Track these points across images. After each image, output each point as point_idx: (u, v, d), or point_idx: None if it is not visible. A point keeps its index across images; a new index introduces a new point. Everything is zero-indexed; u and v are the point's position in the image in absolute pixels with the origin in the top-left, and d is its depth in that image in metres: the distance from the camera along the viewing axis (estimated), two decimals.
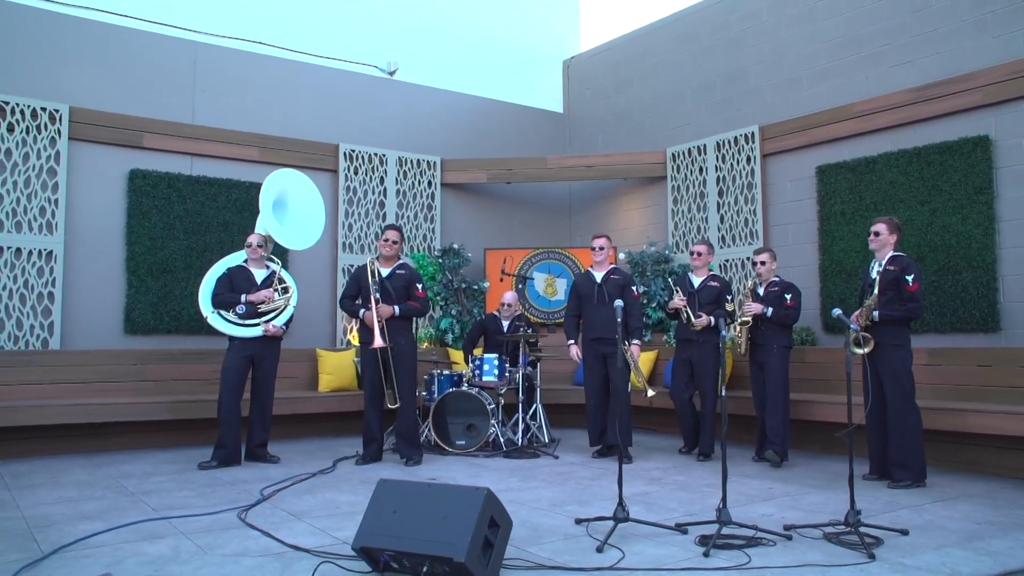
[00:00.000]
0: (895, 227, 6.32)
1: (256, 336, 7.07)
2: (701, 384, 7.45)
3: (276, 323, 7.16)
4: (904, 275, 6.10)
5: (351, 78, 10.17)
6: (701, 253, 7.66)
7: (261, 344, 7.13)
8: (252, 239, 7.31)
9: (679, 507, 5.38)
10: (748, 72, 9.44)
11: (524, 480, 6.39)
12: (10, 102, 7.91)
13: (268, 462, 7.11)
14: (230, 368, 7.04)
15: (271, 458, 7.16)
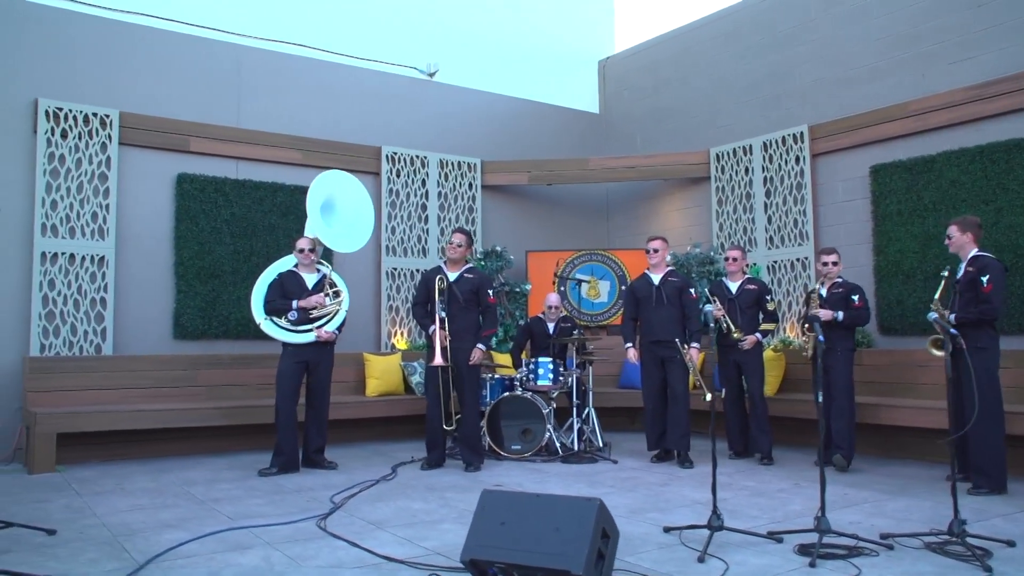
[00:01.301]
0: (968, 226, 6.20)
1: (310, 342, 7.02)
2: (751, 387, 7.41)
3: (328, 328, 7.11)
4: (980, 276, 6.00)
5: (392, 80, 10.12)
6: (736, 258, 7.64)
7: (315, 349, 7.08)
8: (302, 243, 7.27)
9: (760, 514, 5.31)
10: (796, 71, 9.36)
11: (592, 486, 6.33)
12: (63, 108, 7.87)
13: (326, 468, 7.07)
14: (285, 374, 7.00)
15: (329, 464, 7.12)
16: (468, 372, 7.13)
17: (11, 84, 7.72)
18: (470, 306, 7.17)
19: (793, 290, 9.09)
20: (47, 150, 7.78)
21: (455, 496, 5.93)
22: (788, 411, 7.93)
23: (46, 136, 7.78)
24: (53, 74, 7.94)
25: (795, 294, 9.06)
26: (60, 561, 4.21)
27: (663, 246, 7.56)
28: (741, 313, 7.42)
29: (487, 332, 7.30)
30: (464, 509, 5.47)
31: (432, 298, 7.16)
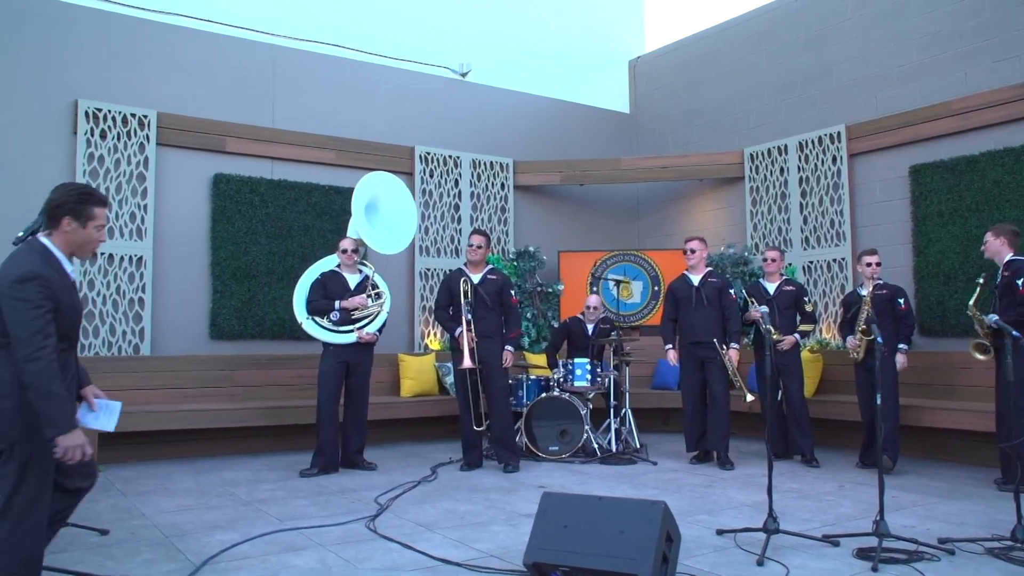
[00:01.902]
0: (1002, 232, 6.21)
1: (351, 342, 7.02)
2: (790, 389, 7.36)
3: (369, 329, 7.10)
4: (1015, 279, 5.97)
5: (424, 80, 10.11)
6: (775, 259, 7.60)
7: (355, 350, 7.07)
8: (345, 244, 7.26)
9: (811, 516, 5.26)
10: (832, 71, 9.28)
11: (635, 488, 6.29)
12: (102, 109, 7.89)
13: (365, 469, 7.06)
14: (327, 375, 7.00)
15: (368, 464, 7.11)
16: (497, 373, 7.11)
17: (51, 85, 7.76)
18: (495, 307, 7.17)
19: (830, 291, 9.02)
20: (87, 151, 7.81)
21: (500, 498, 5.90)
22: (826, 413, 7.87)
23: (86, 137, 7.81)
24: (92, 75, 7.97)
25: (831, 295, 8.99)
26: (117, 561, 4.21)
27: (702, 247, 7.52)
28: (779, 314, 7.39)
29: (514, 334, 7.29)
30: (511, 511, 5.45)
31: (454, 301, 7.15)
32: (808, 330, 7.48)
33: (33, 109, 7.66)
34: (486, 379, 7.10)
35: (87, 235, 3.36)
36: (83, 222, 3.33)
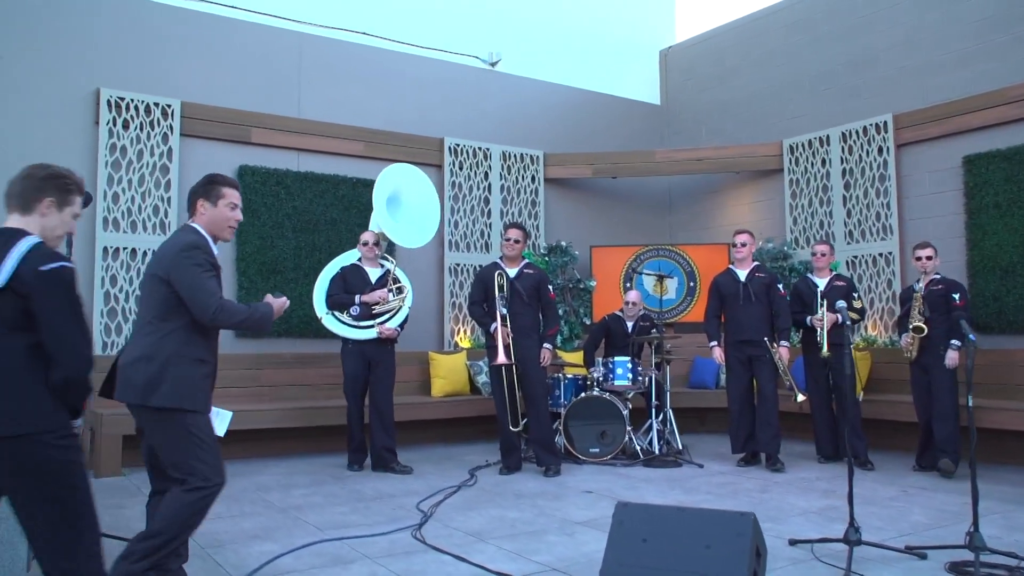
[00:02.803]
0: None
1: (371, 338, 6.76)
2: (842, 389, 7.03)
3: (390, 325, 6.86)
4: None
5: (453, 69, 9.79)
6: (825, 254, 7.31)
7: (375, 347, 6.83)
8: (366, 237, 7.03)
9: (884, 525, 4.95)
10: (878, 58, 8.94)
11: (687, 493, 5.99)
12: (125, 97, 7.60)
13: (400, 472, 6.78)
14: (351, 376, 6.88)
15: (402, 468, 6.83)
16: (535, 371, 6.82)
17: (73, 73, 7.47)
18: (532, 303, 6.88)
19: (875, 286, 8.68)
20: (109, 141, 7.53)
21: (548, 504, 5.60)
22: (875, 413, 7.55)
23: (108, 126, 7.52)
24: (114, 63, 7.68)
25: (877, 290, 8.65)
26: None
27: (751, 240, 7.24)
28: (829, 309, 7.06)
29: (552, 331, 7.00)
30: (563, 518, 5.16)
31: (489, 296, 6.86)
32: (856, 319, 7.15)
33: (54, 98, 7.37)
34: (523, 378, 6.80)
35: (220, 214, 3.57)
36: (214, 201, 3.56)
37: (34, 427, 2.55)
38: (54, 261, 2.62)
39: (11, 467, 2.55)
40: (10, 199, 2.78)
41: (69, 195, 2.86)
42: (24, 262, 2.58)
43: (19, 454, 2.54)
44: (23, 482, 2.57)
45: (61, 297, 2.61)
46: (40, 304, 2.57)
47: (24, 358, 2.58)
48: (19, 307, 2.57)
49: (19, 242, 2.62)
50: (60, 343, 2.60)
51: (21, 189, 2.77)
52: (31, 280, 2.56)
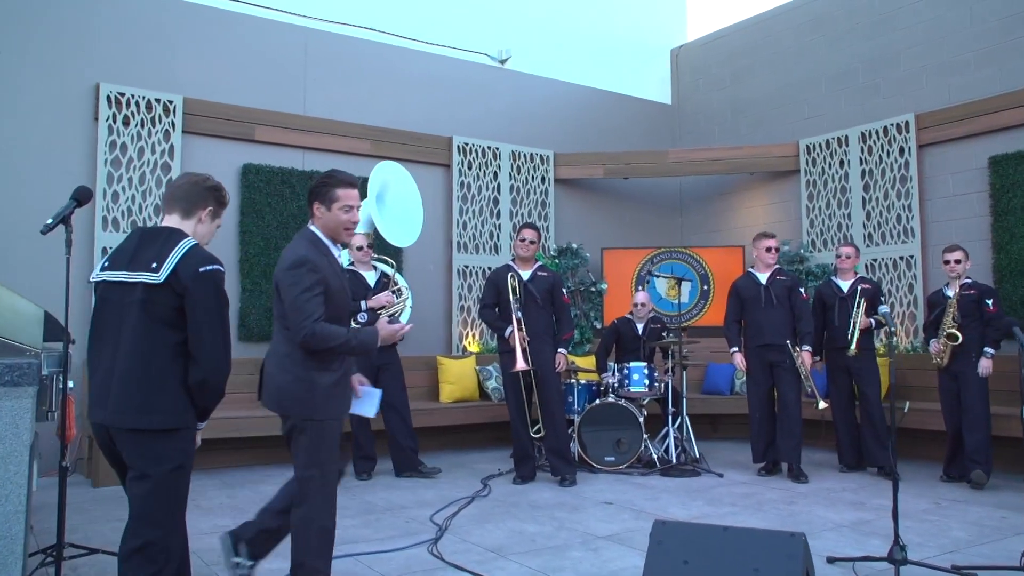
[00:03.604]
0: None
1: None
2: (867, 395, 6.81)
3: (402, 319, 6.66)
4: None
5: (462, 66, 9.56)
6: (850, 256, 7.09)
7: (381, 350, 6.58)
8: (359, 240, 6.80)
9: (924, 541, 4.71)
10: (898, 57, 8.71)
11: (712, 504, 5.74)
12: (125, 93, 7.35)
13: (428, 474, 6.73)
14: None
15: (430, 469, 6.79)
16: (550, 377, 6.58)
17: (72, 67, 7.23)
18: (547, 306, 6.65)
19: (896, 290, 8.45)
20: (108, 138, 7.28)
21: (567, 516, 5.36)
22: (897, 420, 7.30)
23: (107, 123, 7.28)
24: (114, 57, 7.44)
25: (898, 294, 8.42)
26: None
27: (778, 243, 7.01)
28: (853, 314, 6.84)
29: (567, 335, 6.77)
30: (585, 532, 4.91)
31: (502, 300, 6.62)
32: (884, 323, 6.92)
33: (52, 93, 7.13)
34: (539, 384, 6.57)
35: (334, 218, 3.36)
36: (328, 205, 3.36)
37: (173, 424, 2.72)
38: (212, 264, 2.76)
39: (143, 453, 2.71)
40: (174, 202, 2.93)
41: (222, 208, 3.05)
42: (184, 261, 2.71)
43: (153, 447, 2.70)
44: (147, 468, 2.71)
45: (212, 299, 2.74)
46: (193, 303, 2.70)
47: (171, 354, 2.71)
48: (172, 304, 2.70)
49: (181, 242, 2.77)
50: (203, 344, 2.71)
51: (186, 194, 2.92)
52: (188, 279, 2.70)
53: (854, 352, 6.65)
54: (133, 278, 2.73)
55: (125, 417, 2.69)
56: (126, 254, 2.81)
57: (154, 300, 2.70)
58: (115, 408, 2.70)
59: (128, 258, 2.78)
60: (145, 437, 2.70)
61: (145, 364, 2.70)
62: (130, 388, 2.70)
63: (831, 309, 6.95)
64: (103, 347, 2.80)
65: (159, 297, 2.70)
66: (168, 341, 2.71)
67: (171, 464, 2.73)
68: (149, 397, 2.69)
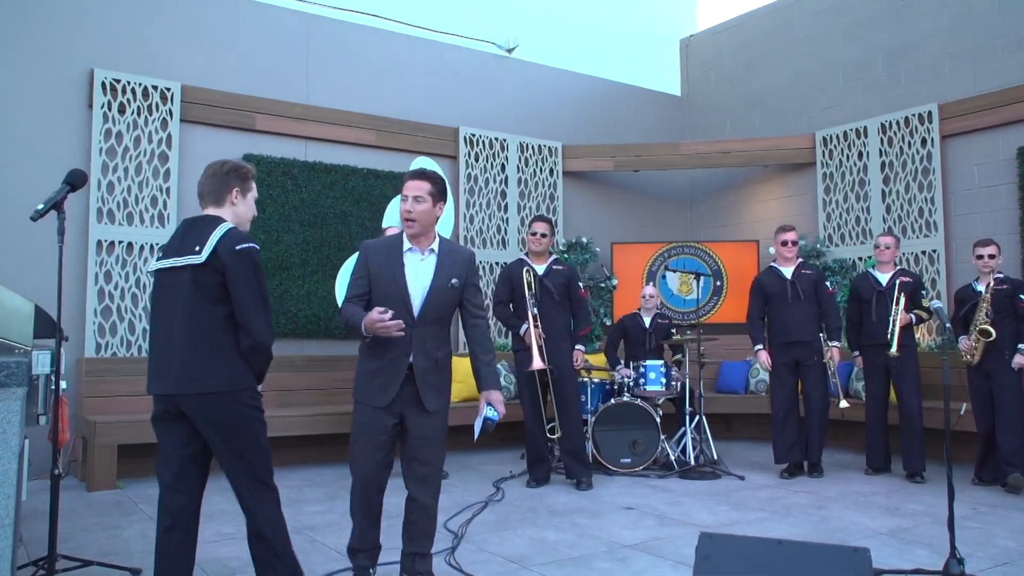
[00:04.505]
0: None
1: None
2: (905, 393, 6.53)
3: None
4: None
5: (469, 55, 9.27)
6: (890, 246, 6.77)
7: None
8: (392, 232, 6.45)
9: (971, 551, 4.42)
10: (920, 45, 8.44)
11: (738, 510, 5.47)
12: (121, 80, 7.05)
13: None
14: None
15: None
16: (569, 376, 6.32)
17: (65, 53, 6.92)
18: (563, 301, 6.37)
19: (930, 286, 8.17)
20: (103, 126, 6.98)
21: (588, 523, 5.08)
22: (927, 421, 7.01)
23: (102, 111, 6.97)
24: (110, 41, 7.14)
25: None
26: None
27: (794, 236, 6.75)
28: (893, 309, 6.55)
29: (584, 331, 6.50)
30: (609, 540, 4.64)
31: (516, 296, 6.34)
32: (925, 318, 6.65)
33: (44, 79, 6.82)
34: (555, 383, 6.29)
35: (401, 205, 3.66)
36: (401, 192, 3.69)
37: (236, 385, 2.99)
38: (246, 242, 3.03)
39: (215, 419, 2.98)
40: (204, 197, 3.20)
41: (248, 182, 3.25)
42: (221, 242, 2.98)
43: (216, 408, 2.97)
44: (220, 433, 3.01)
45: (250, 274, 3.00)
46: (234, 278, 2.97)
47: (222, 326, 2.99)
48: (216, 281, 2.97)
49: (219, 225, 3.05)
50: (248, 314, 2.97)
51: (211, 186, 3.17)
52: (227, 257, 2.96)
53: (895, 353, 6.35)
54: (181, 263, 3.01)
55: (193, 383, 2.96)
56: (175, 243, 3.09)
57: (200, 279, 2.97)
58: (179, 377, 2.97)
59: (177, 246, 3.06)
60: (212, 400, 2.96)
61: (201, 336, 2.97)
62: (190, 358, 2.97)
63: (868, 303, 6.66)
64: (160, 325, 3.08)
65: (204, 276, 2.97)
66: (218, 314, 2.98)
67: (246, 418, 3.04)
68: (210, 364, 2.96)
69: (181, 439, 3.08)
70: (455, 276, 3.61)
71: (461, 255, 3.70)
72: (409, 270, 3.57)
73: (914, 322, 6.54)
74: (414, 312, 3.55)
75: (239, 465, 3.06)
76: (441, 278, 3.58)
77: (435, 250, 3.63)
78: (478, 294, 3.70)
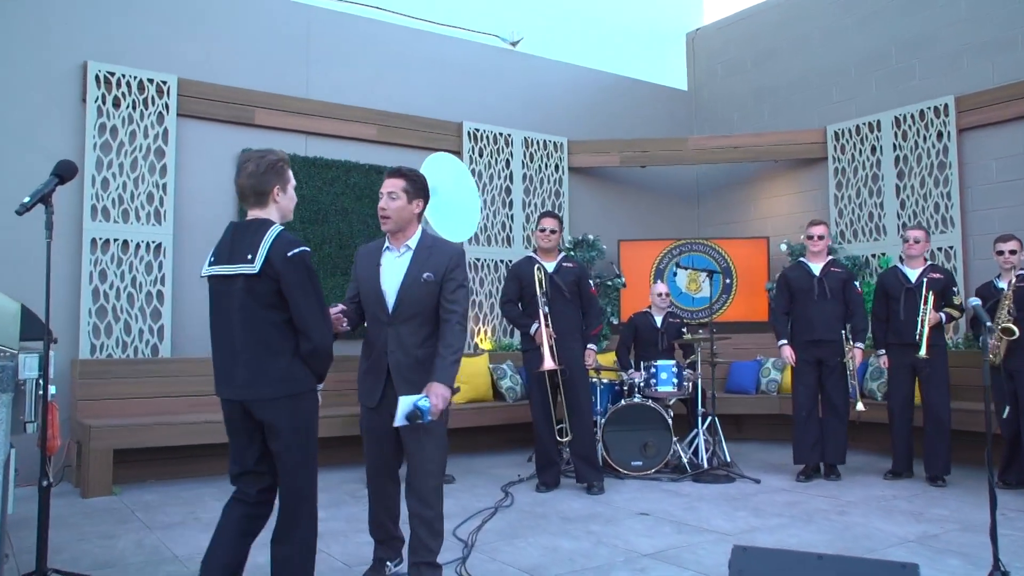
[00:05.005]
0: None
1: None
2: (933, 395, 6.32)
3: None
4: None
5: (472, 49, 9.06)
6: (919, 240, 6.53)
7: None
8: None
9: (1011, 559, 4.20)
10: (936, 36, 8.24)
11: (758, 516, 5.27)
12: (116, 72, 6.83)
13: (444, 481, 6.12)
14: None
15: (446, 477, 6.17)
16: (581, 376, 6.12)
17: (58, 44, 6.70)
18: (574, 299, 6.17)
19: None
20: (97, 121, 6.76)
21: (603, 530, 4.88)
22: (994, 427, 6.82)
23: (96, 105, 6.76)
24: (104, 33, 6.91)
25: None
26: None
27: (827, 232, 6.54)
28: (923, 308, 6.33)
29: (595, 330, 6.31)
30: (627, 549, 4.44)
31: (525, 294, 6.15)
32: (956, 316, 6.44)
33: (35, 71, 6.60)
34: (566, 384, 6.09)
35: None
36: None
37: (293, 389, 3.00)
38: (297, 247, 2.96)
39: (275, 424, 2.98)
40: (246, 199, 3.12)
41: (286, 174, 3.15)
42: (273, 249, 2.94)
43: (283, 412, 2.98)
44: (286, 437, 3.00)
45: (304, 279, 2.96)
46: (288, 286, 2.94)
47: (280, 331, 2.98)
48: (271, 288, 2.95)
49: (268, 231, 2.99)
50: (306, 319, 2.96)
51: (251, 189, 3.08)
52: (280, 265, 2.92)
53: (924, 355, 6.13)
54: (234, 270, 2.99)
55: (253, 390, 2.98)
56: (225, 248, 3.06)
57: (255, 287, 2.96)
58: (245, 383, 2.98)
59: (227, 252, 3.03)
60: (272, 405, 2.97)
61: (256, 342, 2.97)
62: (253, 364, 2.98)
63: (896, 300, 6.43)
64: (221, 331, 3.08)
65: (258, 285, 2.95)
66: (276, 320, 2.97)
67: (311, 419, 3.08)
68: (271, 370, 2.97)
69: (246, 440, 3.11)
70: (429, 271, 3.54)
71: (442, 250, 3.62)
72: (384, 268, 3.60)
73: (944, 321, 6.32)
74: (388, 309, 3.56)
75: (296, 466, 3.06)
76: (413, 273, 3.54)
77: (411, 246, 3.61)
78: (458, 289, 3.56)
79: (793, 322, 6.56)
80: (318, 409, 3.17)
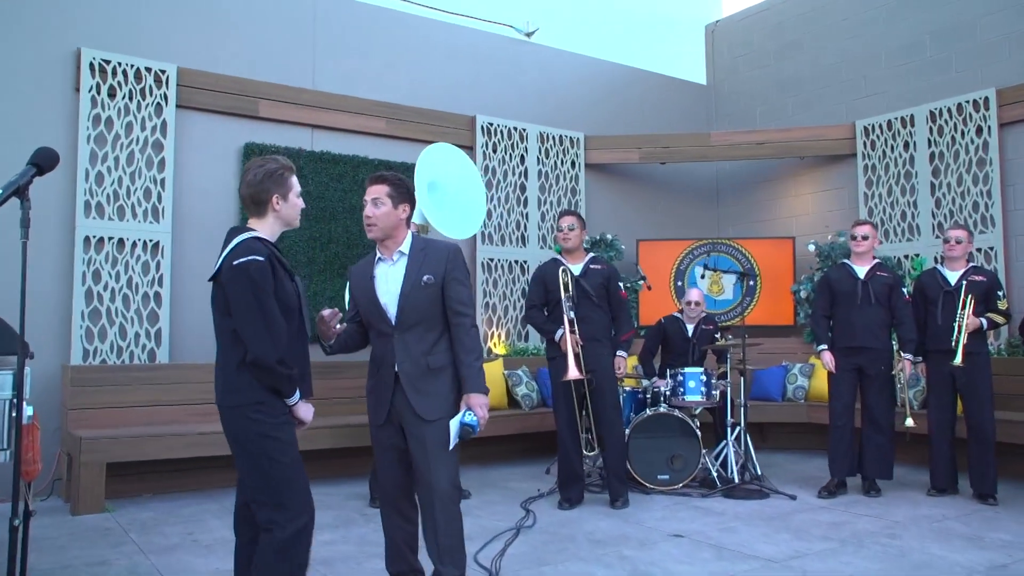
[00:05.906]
0: None
1: None
2: (974, 406, 5.90)
3: None
4: None
5: (486, 39, 8.67)
6: (961, 240, 6.08)
7: None
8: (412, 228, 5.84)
9: None
10: (974, 26, 7.84)
11: (801, 538, 4.87)
12: (111, 61, 6.44)
13: None
14: None
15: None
16: (610, 385, 5.73)
17: (49, 30, 6.31)
18: (602, 303, 5.77)
19: None
20: (91, 111, 6.37)
21: (637, 555, 4.49)
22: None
23: (91, 95, 6.36)
24: (100, 19, 6.53)
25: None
26: None
27: (873, 233, 6.13)
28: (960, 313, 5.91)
29: (626, 335, 5.91)
30: None
31: (550, 298, 5.76)
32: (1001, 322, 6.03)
33: (26, 59, 6.22)
34: (593, 393, 5.70)
35: None
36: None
37: (235, 401, 2.91)
38: (246, 256, 2.86)
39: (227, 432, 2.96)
40: (247, 209, 3.09)
41: (287, 182, 3.07)
42: (227, 257, 2.90)
43: (229, 423, 2.95)
44: (233, 448, 2.97)
45: (245, 289, 2.84)
46: (229, 295, 2.88)
47: (232, 339, 2.91)
48: (224, 296, 2.91)
49: (236, 238, 2.96)
50: (243, 329, 2.85)
51: (249, 198, 3.04)
52: (225, 273, 2.89)
53: (960, 364, 5.71)
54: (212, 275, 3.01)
55: (218, 396, 2.98)
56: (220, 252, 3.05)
57: (215, 294, 2.98)
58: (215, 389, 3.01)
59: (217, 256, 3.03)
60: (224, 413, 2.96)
61: (220, 349, 2.98)
62: (217, 371, 3.00)
63: (934, 304, 6.00)
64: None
65: (217, 291, 2.96)
66: (229, 328, 2.92)
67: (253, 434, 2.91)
68: (222, 377, 2.97)
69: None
70: (429, 273, 3.43)
71: (438, 250, 3.50)
72: (379, 279, 3.49)
73: (985, 327, 5.90)
74: (391, 319, 3.43)
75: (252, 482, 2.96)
76: (412, 278, 3.42)
77: (404, 252, 3.49)
78: (461, 289, 3.46)
79: (834, 326, 6.16)
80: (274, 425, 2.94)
